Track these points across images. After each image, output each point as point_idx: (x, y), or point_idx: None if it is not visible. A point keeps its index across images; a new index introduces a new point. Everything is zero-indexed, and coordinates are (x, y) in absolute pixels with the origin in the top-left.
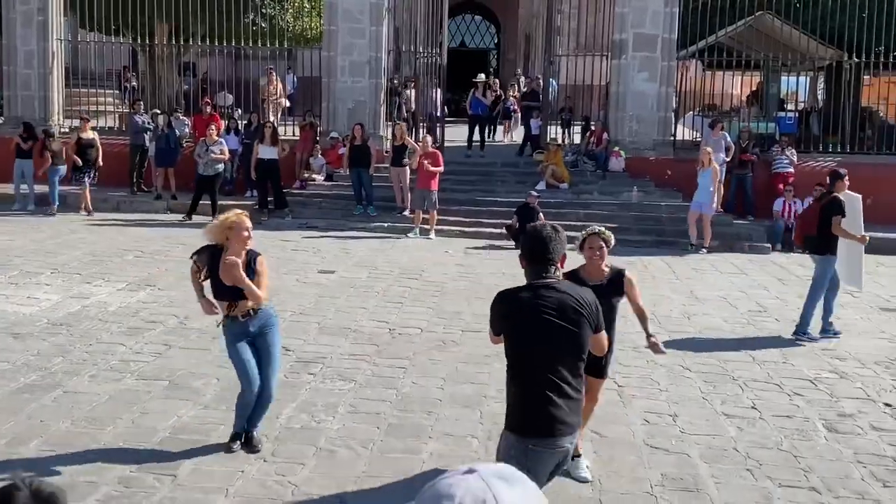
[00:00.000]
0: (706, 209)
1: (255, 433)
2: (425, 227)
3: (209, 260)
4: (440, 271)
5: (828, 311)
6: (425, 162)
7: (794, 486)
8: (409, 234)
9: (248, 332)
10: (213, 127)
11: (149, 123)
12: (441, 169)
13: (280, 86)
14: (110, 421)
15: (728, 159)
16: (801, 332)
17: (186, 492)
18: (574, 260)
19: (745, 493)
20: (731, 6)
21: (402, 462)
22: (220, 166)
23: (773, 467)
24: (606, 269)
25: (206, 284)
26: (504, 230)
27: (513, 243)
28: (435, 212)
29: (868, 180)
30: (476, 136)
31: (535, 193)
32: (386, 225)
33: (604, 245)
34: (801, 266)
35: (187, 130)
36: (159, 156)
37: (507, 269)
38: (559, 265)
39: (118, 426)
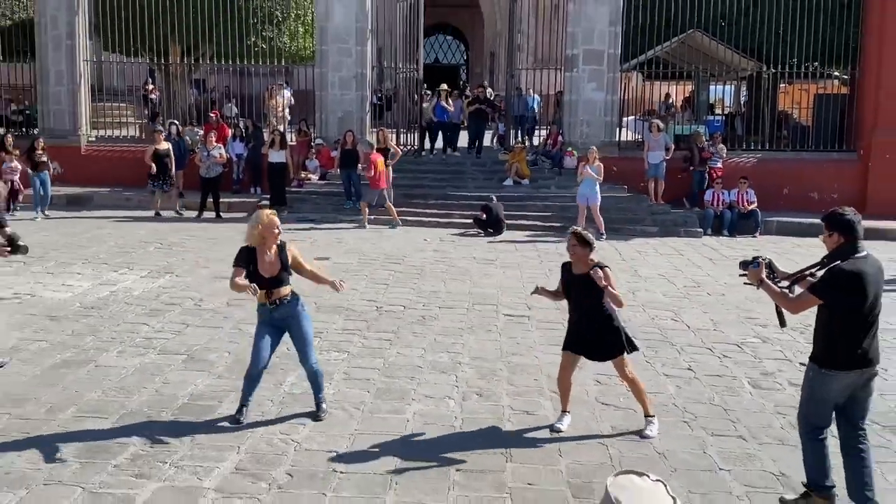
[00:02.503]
0: (592, 200)
1: (322, 404)
2: (390, 218)
3: (247, 258)
4: (420, 256)
5: None
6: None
7: (725, 435)
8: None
9: (272, 320)
10: (212, 134)
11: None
12: (371, 173)
13: (281, 100)
14: (136, 391)
15: (668, 157)
16: None
17: (203, 450)
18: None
19: (683, 442)
20: (667, 25)
21: (389, 421)
22: (220, 168)
23: (707, 419)
24: (592, 262)
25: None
26: (472, 221)
27: (480, 232)
28: (365, 206)
29: (784, 173)
30: (440, 141)
31: (494, 198)
32: (371, 217)
33: (577, 243)
34: (730, 248)
35: (199, 138)
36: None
37: (477, 254)
38: None
39: (143, 395)
